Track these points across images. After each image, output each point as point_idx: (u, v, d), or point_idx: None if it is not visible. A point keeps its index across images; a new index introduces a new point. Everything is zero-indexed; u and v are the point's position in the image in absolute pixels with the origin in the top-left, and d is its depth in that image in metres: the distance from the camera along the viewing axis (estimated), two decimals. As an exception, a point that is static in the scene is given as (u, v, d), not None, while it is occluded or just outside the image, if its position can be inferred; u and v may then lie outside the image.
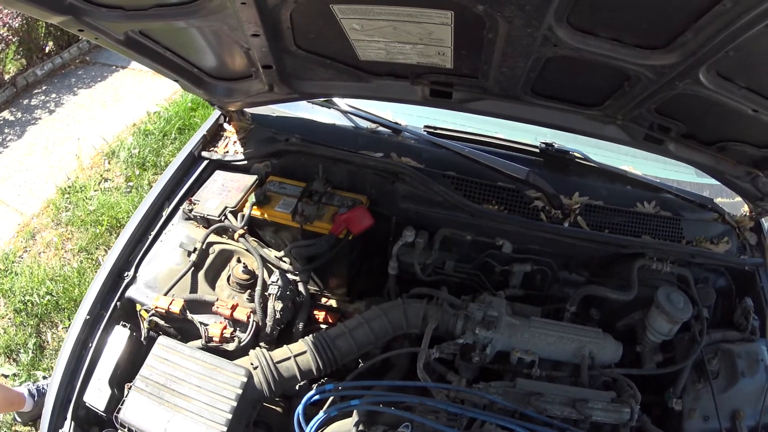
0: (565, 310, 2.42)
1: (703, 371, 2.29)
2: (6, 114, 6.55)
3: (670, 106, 1.95)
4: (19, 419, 3.71)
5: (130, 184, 5.50)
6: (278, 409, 2.29)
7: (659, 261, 2.48)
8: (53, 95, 6.92)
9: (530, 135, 2.93)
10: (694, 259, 2.53)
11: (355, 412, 2.01)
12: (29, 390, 3.65)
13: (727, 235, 2.69)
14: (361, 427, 1.98)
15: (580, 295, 2.44)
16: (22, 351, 4.10)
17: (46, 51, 7.36)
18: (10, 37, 6.77)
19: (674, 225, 2.64)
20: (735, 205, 2.82)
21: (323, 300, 2.65)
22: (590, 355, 2.16)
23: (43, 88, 7.05)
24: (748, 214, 2.72)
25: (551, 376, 2.18)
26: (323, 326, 2.46)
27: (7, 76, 6.99)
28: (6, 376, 4.00)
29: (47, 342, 4.17)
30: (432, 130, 2.87)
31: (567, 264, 2.62)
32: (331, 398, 2.06)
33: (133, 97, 6.90)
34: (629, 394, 2.07)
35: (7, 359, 4.12)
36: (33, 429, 3.72)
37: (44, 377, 3.97)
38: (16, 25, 6.74)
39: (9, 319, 4.30)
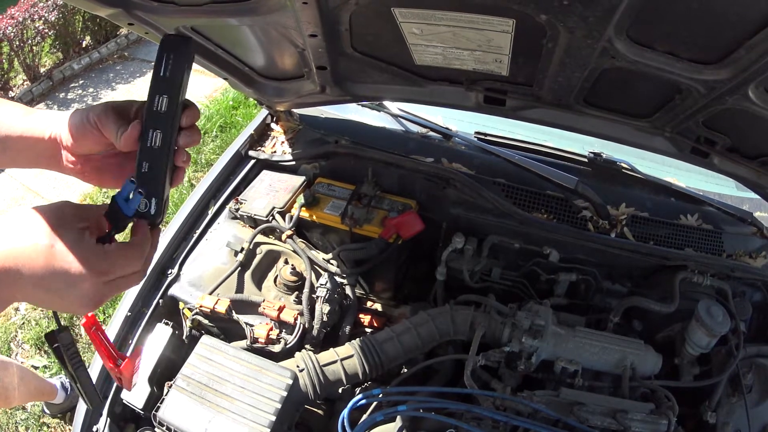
0: (606, 320, 2.42)
1: (738, 385, 2.28)
2: (42, 107, 6.61)
3: (718, 120, 1.93)
4: (47, 411, 3.76)
5: (170, 180, 5.54)
6: (319, 411, 2.27)
7: (700, 274, 2.46)
8: (90, 89, 6.96)
9: (577, 144, 2.92)
10: (734, 273, 2.50)
11: (398, 417, 2.01)
12: (62, 383, 3.68)
13: (764, 249, 2.67)
14: None
15: (624, 306, 2.42)
16: (54, 343, 4.13)
17: (83, 45, 7.43)
18: (46, 30, 6.84)
19: (715, 238, 2.62)
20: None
21: (368, 303, 2.65)
22: (632, 366, 2.15)
23: (80, 82, 7.09)
24: (786, 229, 2.69)
25: (592, 386, 2.17)
26: (368, 330, 2.45)
27: (42, 69, 7.07)
28: (36, 368, 4.04)
29: (80, 335, 4.18)
30: (483, 137, 2.86)
31: (610, 274, 2.60)
32: (374, 403, 2.06)
33: (173, 94, 6.90)
34: (667, 406, 2.06)
35: (38, 351, 4.17)
36: (62, 422, 3.76)
37: (77, 371, 4.01)
38: (53, 18, 6.81)
39: (41, 311, 4.32)
